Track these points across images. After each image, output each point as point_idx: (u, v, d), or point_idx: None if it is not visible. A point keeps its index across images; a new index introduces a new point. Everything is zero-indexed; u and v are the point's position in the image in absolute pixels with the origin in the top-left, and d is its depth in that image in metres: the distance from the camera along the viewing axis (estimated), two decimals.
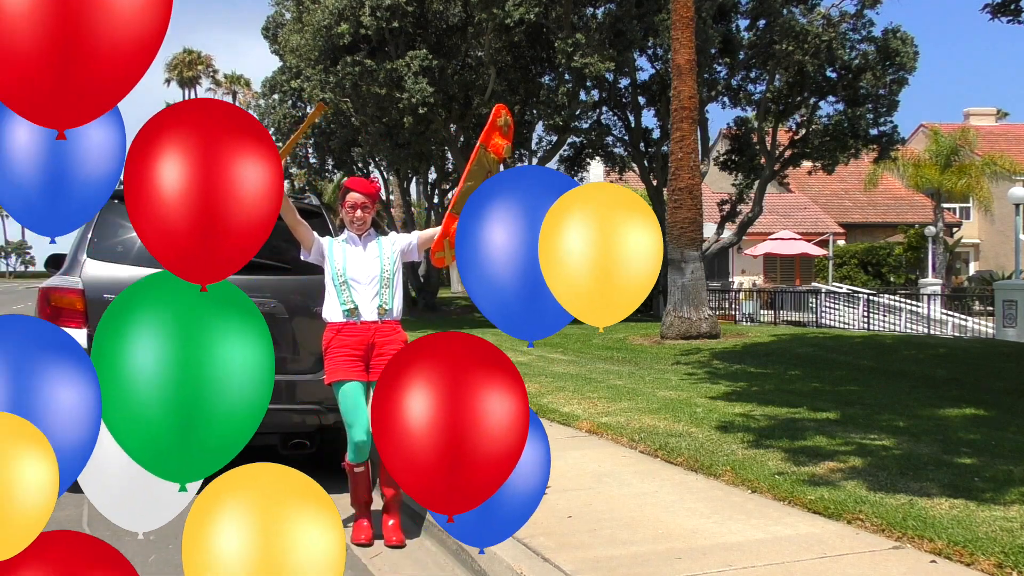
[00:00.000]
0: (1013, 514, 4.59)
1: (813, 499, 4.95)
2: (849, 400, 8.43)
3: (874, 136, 22.32)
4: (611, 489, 5.46)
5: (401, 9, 20.23)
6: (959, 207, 37.26)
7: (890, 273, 33.85)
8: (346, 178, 30.63)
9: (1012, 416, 7.61)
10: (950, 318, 22.70)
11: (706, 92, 21.37)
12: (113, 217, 5.96)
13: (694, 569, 4.02)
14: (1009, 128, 42.58)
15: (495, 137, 4.57)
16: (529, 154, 25.42)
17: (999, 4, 11.55)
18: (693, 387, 9.44)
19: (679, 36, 15.03)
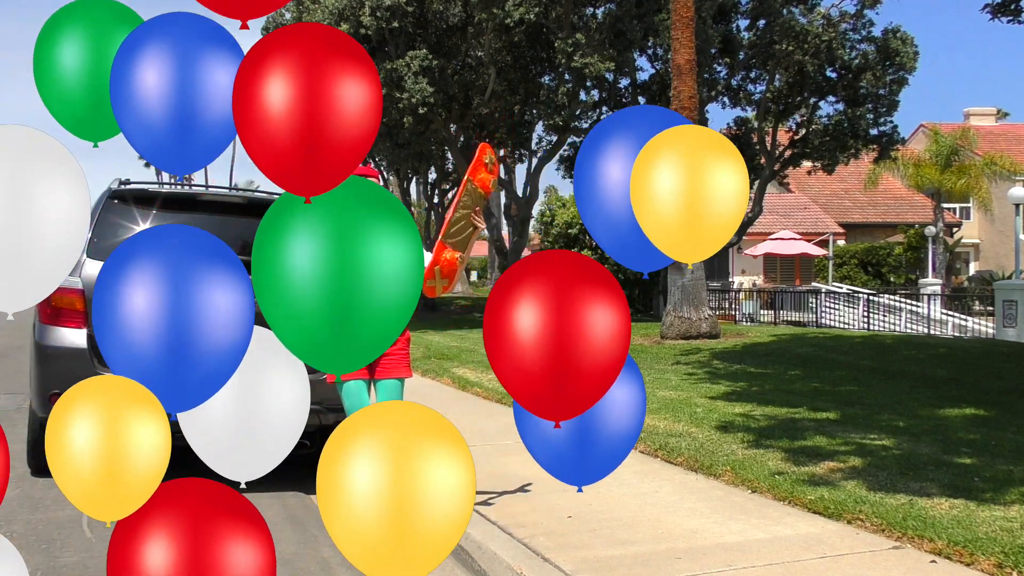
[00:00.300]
0: (1013, 514, 4.59)
1: (813, 499, 4.95)
2: (849, 400, 8.43)
3: (874, 136, 22.32)
4: (611, 489, 5.46)
5: (401, 9, 20.23)
6: (959, 207, 37.26)
7: (890, 273, 33.84)
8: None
9: (1012, 416, 7.61)
10: (950, 318, 22.71)
11: (706, 92, 21.36)
12: (113, 217, 5.96)
13: (694, 569, 4.02)
14: (1009, 128, 42.58)
15: (481, 172, 4.73)
16: (529, 154, 25.40)
17: (999, 4, 11.55)
18: (693, 387, 9.45)
19: (679, 36, 15.03)
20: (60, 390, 5.54)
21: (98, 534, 4.91)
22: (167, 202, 6.06)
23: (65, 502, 5.53)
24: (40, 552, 4.61)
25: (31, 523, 5.08)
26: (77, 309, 5.66)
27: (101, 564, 4.45)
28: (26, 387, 7.42)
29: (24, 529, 4.96)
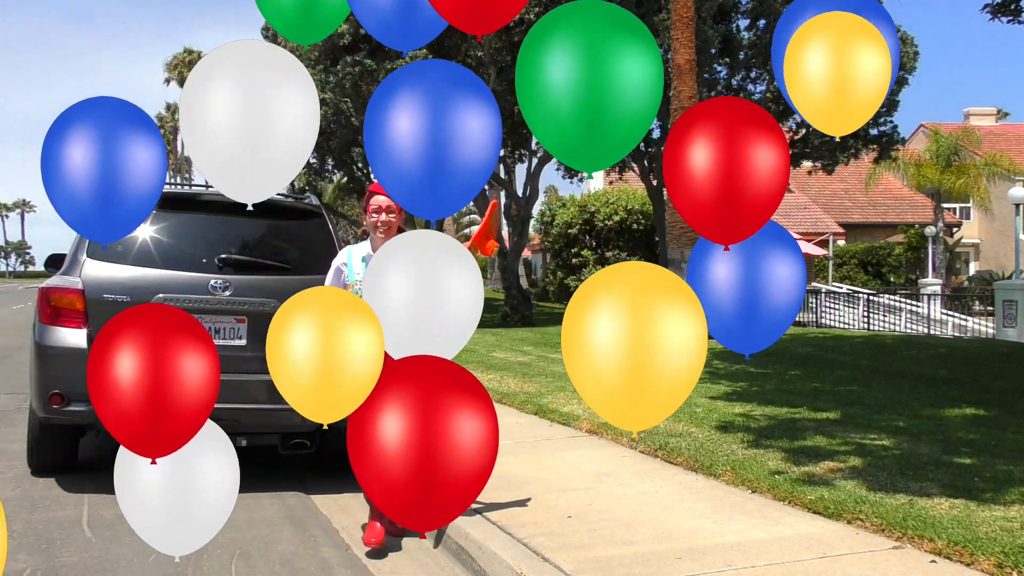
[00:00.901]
0: (1013, 514, 4.59)
1: (813, 499, 4.96)
2: (849, 400, 8.44)
3: (874, 136, 22.32)
4: (611, 489, 5.46)
5: None
6: (959, 207, 37.26)
7: (890, 273, 33.84)
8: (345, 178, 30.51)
9: (1012, 416, 7.61)
10: (950, 318, 22.71)
11: (706, 92, 21.35)
12: None
13: (694, 569, 4.02)
14: (1009, 128, 42.59)
15: (488, 242, 4.64)
16: (529, 154, 25.39)
17: (999, 4, 11.56)
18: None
19: (679, 36, 15.02)
20: (60, 390, 5.56)
21: (98, 534, 4.91)
22: (167, 202, 6.06)
23: (65, 502, 5.55)
24: (40, 552, 4.61)
25: (31, 523, 5.08)
26: (77, 309, 5.66)
27: (101, 564, 4.45)
28: (26, 387, 7.42)
29: (24, 529, 4.96)
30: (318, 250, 6.14)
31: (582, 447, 6.76)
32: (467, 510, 4.94)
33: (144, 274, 5.75)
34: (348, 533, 5.07)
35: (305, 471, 6.56)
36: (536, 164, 24.67)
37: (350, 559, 4.65)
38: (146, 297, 5.59)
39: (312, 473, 6.47)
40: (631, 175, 26.70)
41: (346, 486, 5.97)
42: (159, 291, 5.67)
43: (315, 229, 6.34)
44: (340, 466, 6.31)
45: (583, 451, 6.61)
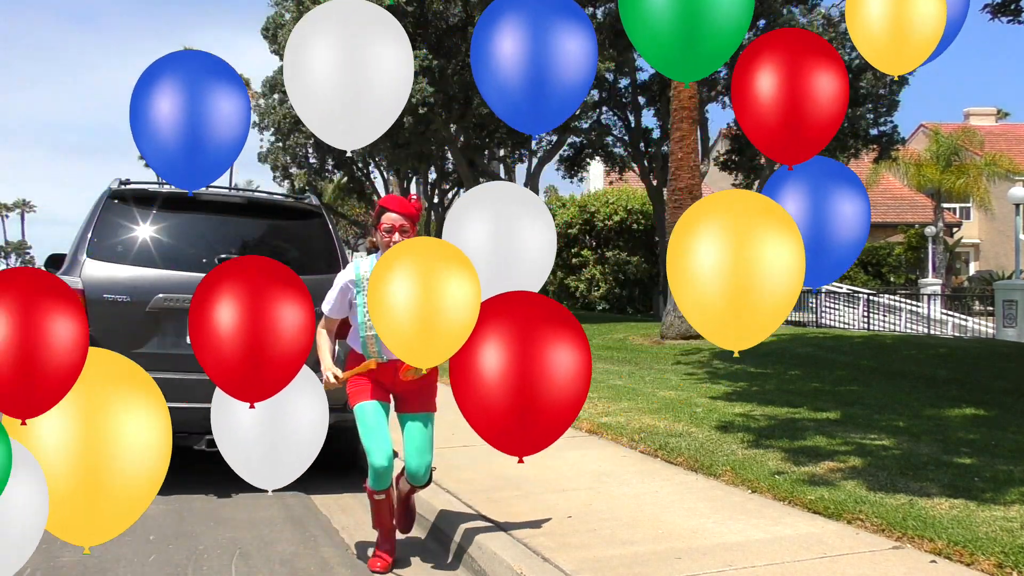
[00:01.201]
0: (1013, 514, 4.59)
1: (813, 499, 4.95)
2: (849, 400, 8.43)
3: (874, 136, 22.32)
4: (611, 489, 5.46)
5: (401, 9, 20.23)
6: (959, 207, 37.24)
7: (890, 273, 33.83)
8: (345, 178, 30.47)
9: (1012, 416, 7.61)
10: (950, 318, 22.71)
11: (706, 92, 21.36)
12: (113, 217, 5.96)
13: (694, 569, 4.02)
14: (1009, 128, 42.57)
15: None
16: (529, 154, 25.41)
17: (999, 4, 11.56)
18: (693, 387, 9.45)
19: None
20: None
21: None
22: (167, 202, 6.06)
23: None
24: (40, 552, 4.60)
25: None
26: None
27: (101, 564, 4.45)
28: None
29: None
30: (318, 250, 6.14)
31: (582, 447, 6.76)
32: (467, 510, 4.94)
33: (144, 274, 5.75)
34: (348, 533, 5.07)
35: (305, 471, 6.55)
36: (536, 164, 24.67)
37: (350, 559, 4.65)
38: (146, 297, 5.58)
39: (312, 473, 6.45)
40: (631, 175, 26.69)
41: (346, 486, 5.97)
42: (159, 291, 5.67)
43: (315, 229, 6.34)
44: (340, 466, 6.31)
45: (583, 451, 6.61)
